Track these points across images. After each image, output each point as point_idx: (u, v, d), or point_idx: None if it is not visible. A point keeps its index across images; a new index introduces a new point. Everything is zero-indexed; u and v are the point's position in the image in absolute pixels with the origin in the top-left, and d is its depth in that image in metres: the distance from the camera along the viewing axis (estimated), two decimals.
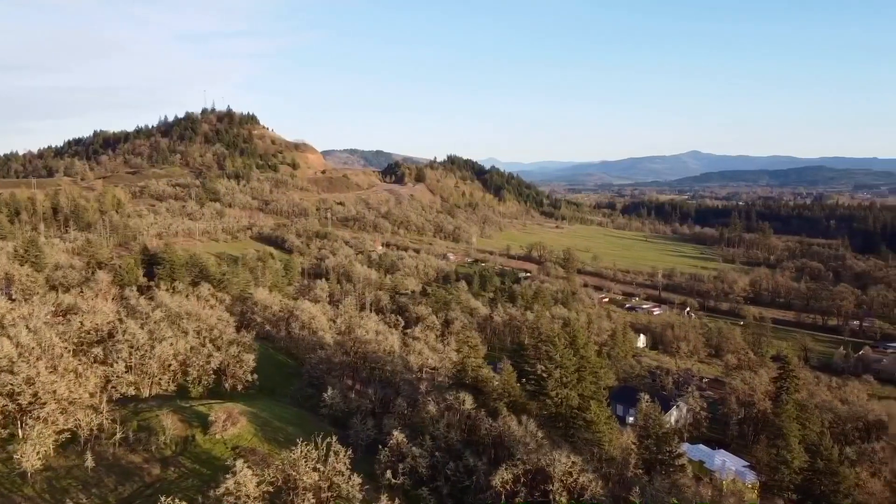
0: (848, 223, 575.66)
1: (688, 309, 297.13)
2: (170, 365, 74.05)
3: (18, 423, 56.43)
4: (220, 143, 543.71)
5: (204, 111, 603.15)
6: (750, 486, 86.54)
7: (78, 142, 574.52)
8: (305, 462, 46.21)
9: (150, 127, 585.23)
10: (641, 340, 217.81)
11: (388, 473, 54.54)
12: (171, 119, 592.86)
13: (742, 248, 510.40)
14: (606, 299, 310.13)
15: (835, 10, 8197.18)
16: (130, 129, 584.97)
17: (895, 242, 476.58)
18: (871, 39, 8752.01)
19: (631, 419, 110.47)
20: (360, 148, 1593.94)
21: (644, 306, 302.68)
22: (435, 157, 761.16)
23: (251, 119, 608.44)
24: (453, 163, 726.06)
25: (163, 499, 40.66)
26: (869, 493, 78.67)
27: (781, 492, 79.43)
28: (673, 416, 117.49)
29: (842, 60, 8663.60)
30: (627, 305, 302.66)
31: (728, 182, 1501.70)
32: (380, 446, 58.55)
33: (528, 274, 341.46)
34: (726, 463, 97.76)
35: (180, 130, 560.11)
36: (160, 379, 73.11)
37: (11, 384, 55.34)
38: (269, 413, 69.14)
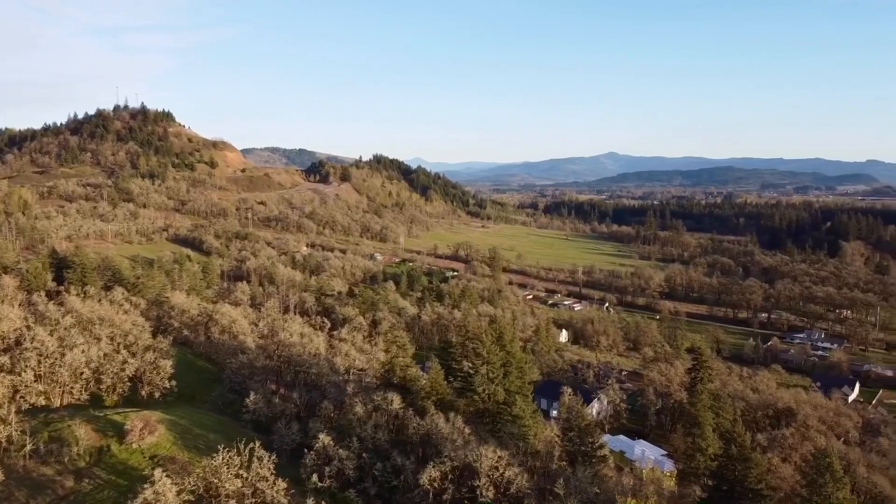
0: (756, 221, 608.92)
1: (607, 304, 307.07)
2: (82, 373, 70.63)
3: None
4: (133, 141, 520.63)
5: (116, 108, 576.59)
6: (668, 473, 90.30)
7: None
8: (228, 469, 45.00)
9: (59, 125, 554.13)
10: (564, 336, 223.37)
11: (315, 477, 53.81)
12: (81, 116, 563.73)
13: (657, 245, 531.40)
14: (530, 296, 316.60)
15: (742, 10, 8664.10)
16: (38, 126, 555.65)
17: (800, 239, 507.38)
18: (775, 44, 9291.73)
19: (555, 412, 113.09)
20: (282, 146, 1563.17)
21: (566, 302, 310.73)
22: (360, 157, 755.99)
23: (166, 116, 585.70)
24: (379, 162, 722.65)
25: None
26: (780, 478, 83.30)
27: (697, 478, 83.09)
28: (594, 409, 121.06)
29: (749, 64, 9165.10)
30: (550, 302, 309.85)
31: (644, 182, 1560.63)
32: (305, 450, 57.68)
33: (456, 273, 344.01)
34: (645, 452, 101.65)
35: (91, 128, 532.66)
36: (72, 388, 69.66)
37: None
38: (189, 420, 66.88)
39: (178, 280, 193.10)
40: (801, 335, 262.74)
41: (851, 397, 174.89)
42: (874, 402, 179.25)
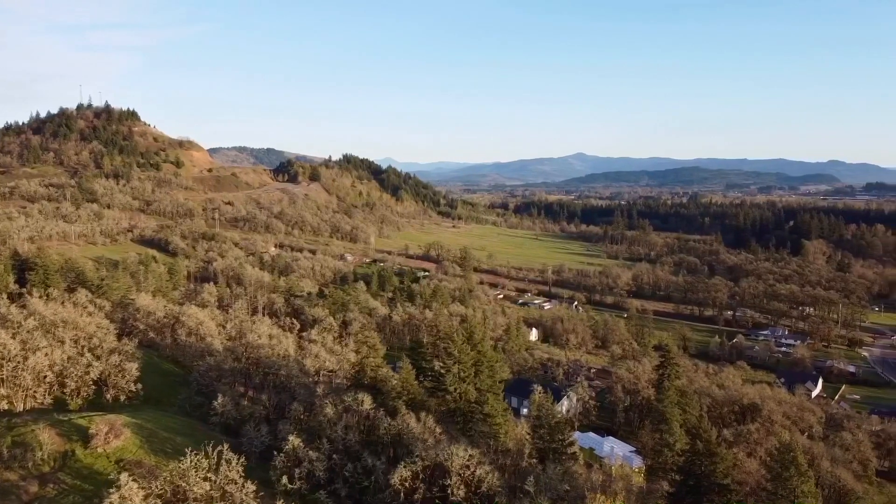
0: (721, 220, 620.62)
1: (576, 303, 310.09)
2: (45, 376, 68.89)
3: None
4: (97, 140, 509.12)
5: (80, 107, 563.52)
6: (637, 469, 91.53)
7: None
8: (196, 472, 44.31)
9: (20, 124, 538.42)
10: (534, 334, 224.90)
11: (284, 479, 53.30)
12: (43, 115, 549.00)
13: (625, 244, 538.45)
14: (501, 296, 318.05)
15: (707, 11, 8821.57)
16: None
17: (764, 238, 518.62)
18: (738, 46, 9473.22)
19: (525, 411, 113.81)
20: (250, 146, 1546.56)
21: (536, 301, 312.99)
22: (330, 156, 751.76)
23: (131, 115, 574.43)
24: (349, 162, 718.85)
25: None
26: (746, 472, 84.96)
27: (665, 473, 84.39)
28: (564, 406, 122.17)
29: (713, 65, 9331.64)
30: (520, 301, 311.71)
31: (611, 183, 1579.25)
32: (275, 452, 57.13)
33: (427, 273, 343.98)
34: (614, 449, 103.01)
35: (54, 127, 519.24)
36: (35, 391, 67.89)
37: None
38: (156, 424, 65.73)
39: (143, 281, 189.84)
40: (765, 332, 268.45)
41: (814, 393, 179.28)
42: (836, 397, 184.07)
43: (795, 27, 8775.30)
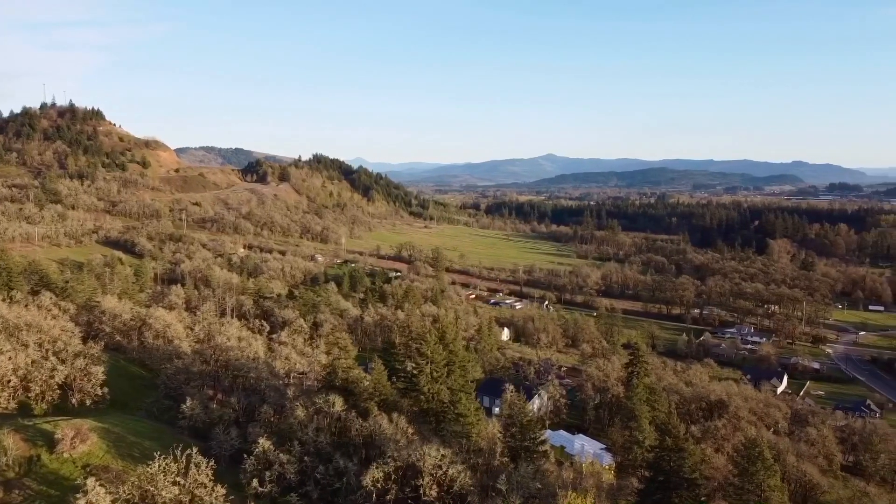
0: (688, 220, 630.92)
1: (546, 302, 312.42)
2: (9, 381, 67.16)
3: None
4: (61, 140, 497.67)
5: (44, 106, 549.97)
6: (607, 467, 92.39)
7: None
8: (164, 476, 43.67)
9: None
10: (505, 333, 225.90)
11: (255, 482, 52.79)
12: (6, 115, 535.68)
13: (594, 244, 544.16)
14: (473, 296, 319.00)
15: (675, 12, 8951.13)
16: None
17: (730, 237, 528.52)
18: (703, 48, 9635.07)
19: (497, 409, 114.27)
20: (218, 145, 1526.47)
21: (507, 301, 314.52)
22: (300, 156, 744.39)
23: (96, 115, 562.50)
24: (320, 162, 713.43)
25: None
26: (714, 468, 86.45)
27: (635, 470, 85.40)
28: (535, 405, 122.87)
29: (679, 68, 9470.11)
30: (492, 301, 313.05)
31: (581, 183, 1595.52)
32: (245, 455, 56.50)
33: (399, 273, 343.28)
34: (585, 447, 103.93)
35: (17, 127, 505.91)
36: None
37: None
38: (123, 428, 64.54)
39: (109, 284, 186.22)
40: (731, 330, 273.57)
41: (780, 389, 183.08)
42: (801, 393, 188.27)
43: (759, 27, 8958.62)
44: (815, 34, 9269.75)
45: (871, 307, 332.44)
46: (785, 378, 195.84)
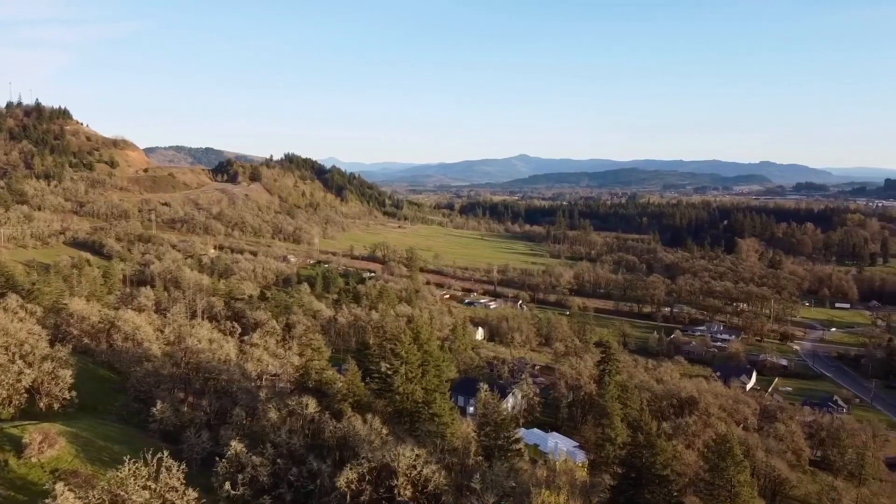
0: (658, 220, 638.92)
1: (520, 302, 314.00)
2: None
3: None
4: (27, 139, 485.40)
5: (9, 105, 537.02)
6: (580, 464, 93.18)
7: None
8: (135, 480, 42.98)
9: None
10: (480, 333, 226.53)
11: (227, 485, 52.21)
12: None
13: (567, 244, 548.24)
14: (447, 296, 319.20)
15: (644, 12, 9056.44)
16: None
17: (699, 236, 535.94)
18: (673, 48, 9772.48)
19: (471, 409, 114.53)
20: (188, 145, 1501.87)
21: (482, 301, 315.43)
22: (271, 156, 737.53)
23: (63, 114, 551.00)
24: (292, 161, 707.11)
25: None
26: (685, 464, 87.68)
27: (608, 467, 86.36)
28: (509, 403, 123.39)
29: (648, 69, 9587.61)
30: (467, 300, 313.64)
31: (554, 184, 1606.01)
32: (217, 458, 55.86)
33: (373, 274, 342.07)
34: (558, 444, 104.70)
35: None
36: None
37: None
38: (92, 432, 63.43)
39: (76, 286, 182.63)
40: (701, 328, 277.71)
41: (749, 385, 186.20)
42: (770, 389, 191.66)
43: (724, 27, 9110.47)
44: (780, 34, 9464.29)
45: (837, 305, 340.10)
46: (754, 375, 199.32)
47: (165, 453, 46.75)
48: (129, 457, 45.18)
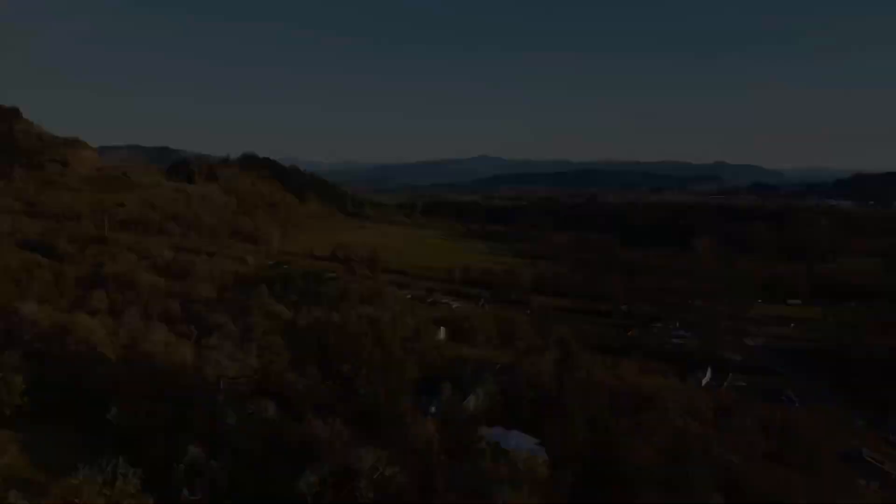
0: (616, 219, 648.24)
1: (482, 301, 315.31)
2: None
3: None
4: None
5: None
6: (542, 461, 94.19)
7: None
8: (89, 487, 42.10)
9: None
10: (442, 333, 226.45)
11: (185, 491, 51.44)
12: None
13: (527, 243, 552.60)
14: (410, 296, 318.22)
15: (605, 9, 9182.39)
16: None
17: (656, 236, 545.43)
18: (628, 48, 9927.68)
19: (434, 409, 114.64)
20: (143, 144, 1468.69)
21: (444, 301, 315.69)
22: (229, 155, 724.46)
23: (13, 113, 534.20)
24: (249, 161, 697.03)
25: None
26: (644, 459, 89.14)
27: (569, 463, 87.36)
28: (472, 403, 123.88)
29: (605, 70, 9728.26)
30: (429, 301, 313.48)
31: (514, 184, 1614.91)
32: (175, 464, 54.95)
33: (334, 274, 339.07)
34: (520, 442, 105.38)
35: None
36: None
37: None
38: (46, 438, 61.80)
39: (27, 289, 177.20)
40: (658, 325, 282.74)
41: (704, 381, 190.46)
42: (725, 384, 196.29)
43: (679, 26, 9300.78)
44: (729, 34, 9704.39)
45: (789, 301, 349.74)
46: (709, 370, 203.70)
47: (121, 460, 45.89)
48: (83, 464, 44.20)
